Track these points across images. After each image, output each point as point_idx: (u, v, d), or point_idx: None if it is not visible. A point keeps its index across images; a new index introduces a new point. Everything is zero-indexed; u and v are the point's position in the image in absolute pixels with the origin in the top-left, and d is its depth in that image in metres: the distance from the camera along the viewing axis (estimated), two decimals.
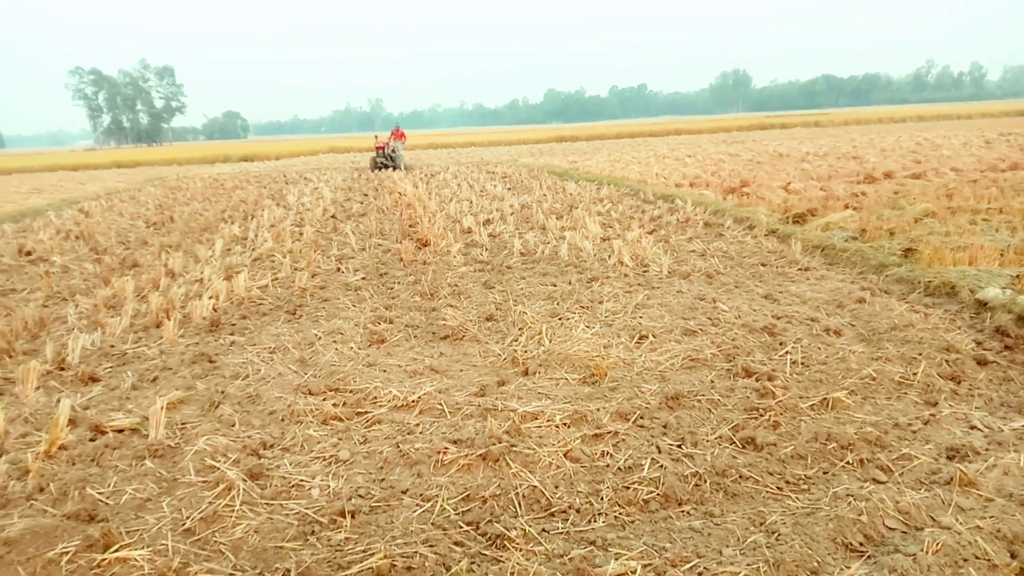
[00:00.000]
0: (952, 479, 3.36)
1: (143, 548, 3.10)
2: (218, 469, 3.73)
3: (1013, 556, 2.80)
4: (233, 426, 4.35)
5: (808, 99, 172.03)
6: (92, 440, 4.18)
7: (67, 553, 3.03)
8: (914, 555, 2.78)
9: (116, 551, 3.04)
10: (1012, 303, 5.67)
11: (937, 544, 2.80)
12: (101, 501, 3.52)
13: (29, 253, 11.01)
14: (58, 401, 4.57)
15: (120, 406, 4.73)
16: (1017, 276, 6.42)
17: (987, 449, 3.73)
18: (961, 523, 2.96)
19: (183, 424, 4.40)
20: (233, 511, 3.39)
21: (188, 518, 3.34)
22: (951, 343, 5.13)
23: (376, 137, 28.72)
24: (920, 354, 4.98)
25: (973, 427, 4.03)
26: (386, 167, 26.55)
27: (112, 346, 6.09)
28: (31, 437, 4.23)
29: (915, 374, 4.68)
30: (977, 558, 2.77)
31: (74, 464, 3.90)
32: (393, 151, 27.00)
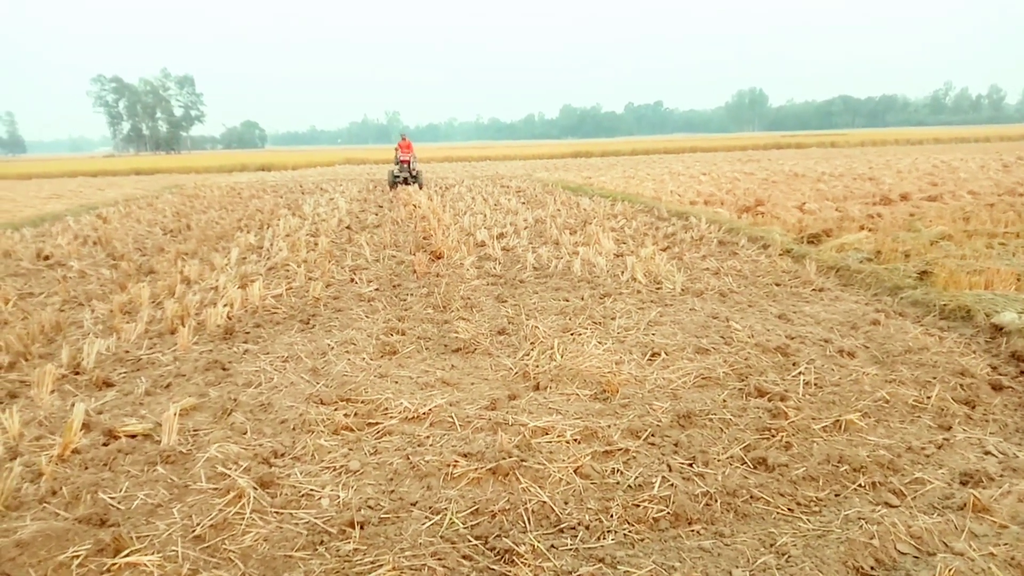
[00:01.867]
0: (965, 504, 3.33)
1: (153, 553, 3.11)
2: (229, 476, 3.75)
3: None
4: (245, 434, 4.38)
5: (824, 119, 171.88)
6: (105, 445, 4.21)
7: (78, 557, 3.05)
8: None
9: (126, 556, 3.06)
10: None
11: (949, 570, 2.78)
12: (113, 506, 3.54)
13: (47, 257, 11.13)
14: (72, 405, 4.62)
15: (133, 411, 4.76)
16: None
17: (1001, 475, 3.69)
18: (974, 549, 2.93)
19: (195, 431, 4.42)
20: (243, 519, 3.40)
21: (198, 525, 3.36)
22: (966, 367, 5.09)
23: (398, 145, 24.70)
24: (934, 378, 4.94)
25: (987, 452, 3.99)
26: (407, 183, 23.73)
27: (127, 352, 6.14)
28: (45, 440, 4.27)
29: (929, 398, 4.64)
30: None
31: (87, 468, 3.92)
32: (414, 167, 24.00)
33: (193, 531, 3.32)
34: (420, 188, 22.66)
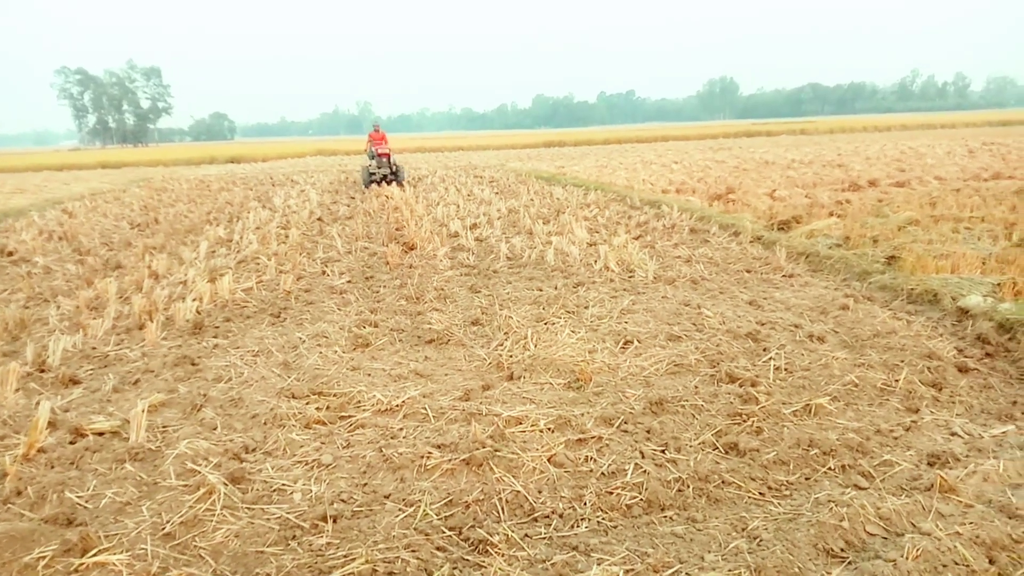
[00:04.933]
0: (933, 485, 3.38)
1: (122, 552, 3.07)
2: (199, 473, 3.70)
3: (991, 562, 2.81)
4: (215, 429, 4.32)
5: (794, 107, 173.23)
6: (72, 443, 4.14)
7: (44, 557, 2.99)
8: (894, 561, 2.79)
9: (94, 555, 3.01)
10: (993, 311, 5.72)
11: (917, 550, 2.82)
12: (80, 505, 3.48)
13: (11, 254, 10.90)
14: (38, 403, 4.52)
15: (101, 409, 4.69)
16: (998, 284, 6.49)
17: (967, 455, 3.76)
18: (941, 529, 2.98)
19: (164, 427, 4.36)
20: (214, 515, 3.36)
21: (168, 522, 3.31)
22: (933, 350, 5.16)
23: (370, 136, 20.97)
24: (902, 361, 5.01)
25: (954, 434, 4.06)
26: (385, 181, 19.77)
27: (94, 348, 6.04)
28: (9, 440, 4.18)
29: (897, 381, 4.71)
30: (956, 564, 2.79)
31: (53, 467, 3.85)
32: (394, 162, 20.03)
33: (163, 529, 3.28)
34: (401, 187, 19.04)
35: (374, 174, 19.64)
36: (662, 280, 7.78)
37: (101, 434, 4.27)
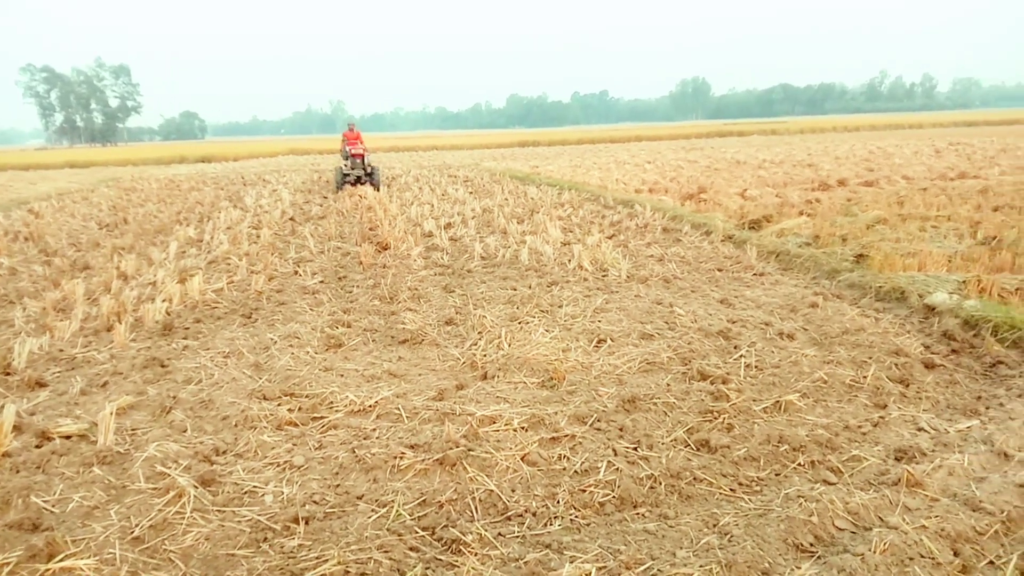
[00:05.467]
0: (900, 480, 3.44)
1: (89, 557, 3.02)
2: (169, 476, 3.66)
3: (956, 554, 2.87)
4: (185, 432, 4.27)
5: (765, 107, 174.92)
6: (38, 447, 4.07)
7: (8, 564, 2.94)
8: (862, 555, 2.83)
9: (61, 561, 2.97)
10: (959, 308, 5.82)
11: (884, 544, 2.86)
12: (46, 509, 3.42)
13: None
14: (2, 407, 4.43)
15: (68, 412, 4.61)
16: (964, 282, 6.60)
17: (933, 450, 3.83)
18: (908, 523, 3.03)
19: (133, 430, 4.30)
20: (184, 518, 3.32)
21: (137, 526, 3.27)
22: (900, 347, 5.24)
23: (344, 136, 19.63)
24: (870, 358, 5.08)
25: (920, 429, 4.13)
26: (359, 182, 18.74)
27: (61, 350, 5.94)
28: None
29: (865, 377, 4.78)
30: (922, 556, 2.84)
31: (18, 472, 3.78)
32: (369, 163, 18.96)
33: (131, 532, 3.23)
34: (376, 190, 17.92)
35: (347, 175, 18.74)
36: (635, 279, 7.82)
37: (68, 437, 4.20)
